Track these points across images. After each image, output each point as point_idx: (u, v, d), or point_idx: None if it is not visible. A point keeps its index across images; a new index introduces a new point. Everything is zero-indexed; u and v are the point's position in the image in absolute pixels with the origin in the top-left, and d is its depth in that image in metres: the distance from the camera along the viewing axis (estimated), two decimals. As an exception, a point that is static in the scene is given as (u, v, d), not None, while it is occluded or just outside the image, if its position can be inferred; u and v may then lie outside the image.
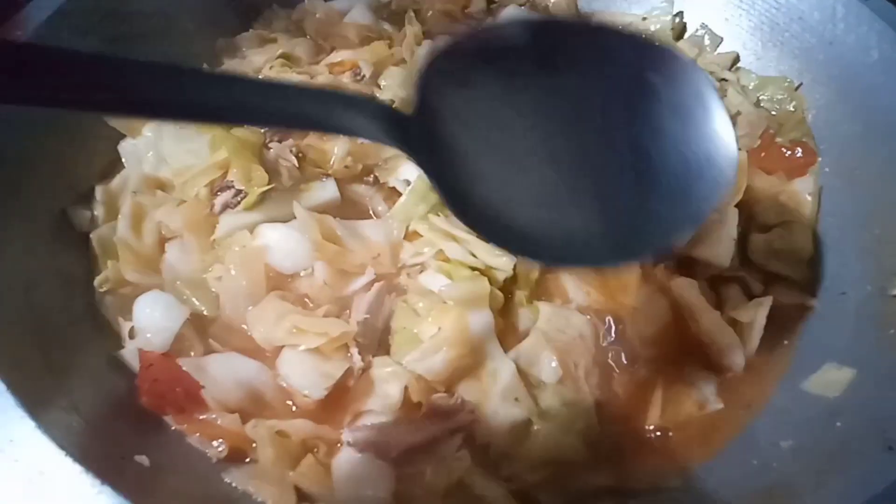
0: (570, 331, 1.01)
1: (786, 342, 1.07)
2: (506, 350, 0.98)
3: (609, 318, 1.04)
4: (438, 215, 1.09)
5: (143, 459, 0.84)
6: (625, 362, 1.01)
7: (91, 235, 1.10)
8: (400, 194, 1.14)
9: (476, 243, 1.03)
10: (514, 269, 1.04)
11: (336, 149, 1.16)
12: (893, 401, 0.85)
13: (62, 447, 0.73)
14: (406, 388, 0.93)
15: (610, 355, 1.02)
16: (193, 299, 1.03)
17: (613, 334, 1.03)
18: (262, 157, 1.10)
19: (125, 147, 1.19)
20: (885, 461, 0.75)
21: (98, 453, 0.77)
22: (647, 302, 1.06)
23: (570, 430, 0.94)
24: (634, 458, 0.95)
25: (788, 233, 1.16)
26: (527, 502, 0.90)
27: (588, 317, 1.03)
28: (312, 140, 1.18)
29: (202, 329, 1.02)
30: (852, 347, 1.00)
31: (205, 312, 1.03)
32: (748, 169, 1.14)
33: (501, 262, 1.03)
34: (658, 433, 0.98)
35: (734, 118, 1.27)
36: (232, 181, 1.09)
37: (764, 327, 1.04)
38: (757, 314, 1.05)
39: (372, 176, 1.19)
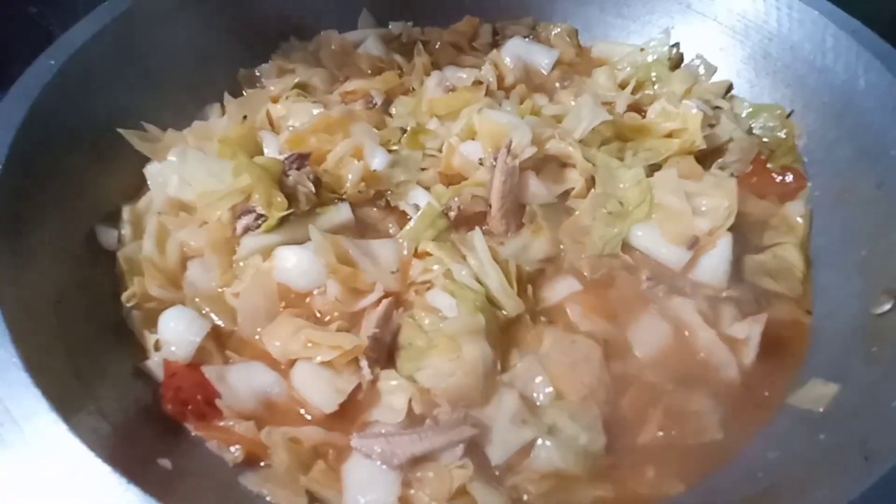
0: (576, 353, 1.05)
1: (782, 358, 1.10)
2: (504, 371, 1.03)
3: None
4: (445, 241, 1.14)
5: (165, 463, 0.89)
6: (631, 382, 1.05)
7: (118, 253, 1.15)
8: (409, 218, 1.20)
9: (491, 272, 1.08)
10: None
11: (350, 175, 1.22)
12: (873, 415, 0.89)
13: (92, 448, 0.78)
14: (410, 400, 0.97)
15: (616, 375, 1.05)
16: (212, 314, 1.09)
17: (619, 355, 1.07)
18: (282, 184, 1.14)
19: (150, 170, 1.25)
20: (862, 471, 0.79)
21: (124, 455, 0.81)
22: (650, 325, 1.11)
23: (574, 444, 0.97)
24: (635, 473, 0.98)
25: (781, 253, 1.21)
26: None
27: (592, 340, 1.07)
28: (328, 166, 1.25)
29: (221, 342, 1.08)
30: (838, 364, 1.04)
31: (222, 325, 1.09)
32: (740, 194, 1.18)
33: (511, 304, 1.07)
34: (657, 450, 1.00)
35: (726, 144, 1.32)
36: (254, 206, 1.14)
37: (760, 344, 1.07)
38: (752, 331, 1.09)
39: (384, 200, 1.24)
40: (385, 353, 1.06)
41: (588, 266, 1.16)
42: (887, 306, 1.02)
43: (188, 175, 1.19)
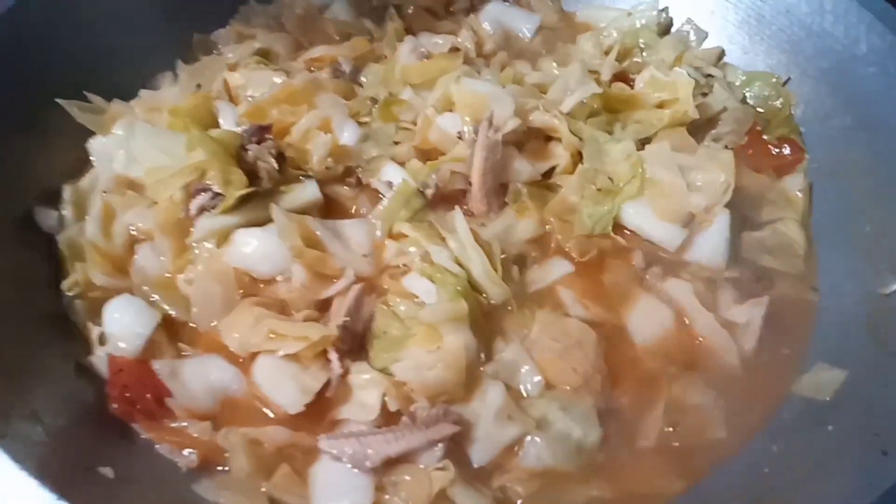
0: (567, 339, 1.00)
1: (785, 342, 1.05)
2: (488, 361, 0.97)
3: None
4: (422, 222, 1.08)
5: (107, 471, 0.82)
6: (627, 371, 1.00)
7: (58, 237, 1.08)
8: (382, 196, 1.12)
9: (473, 256, 1.02)
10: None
11: (317, 149, 1.14)
12: (887, 403, 0.85)
13: (17, 460, 0.70)
14: (384, 396, 0.91)
15: (612, 363, 1.00)
16: (162, 303, 1.02)
17: (614, 342, 1.02)
18: (241, 159, 1.07)
19: (94, 145, 1.17)
20: (880, 466, 0.74)
21: (58, 466, 0.75)
22: (646, 309, 1.06)
23: (566, 439, 0.92)
24: (631, 470, 0.93)
25: (781, 229, 1.16)
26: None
27: (586, 324, 1.02)
28: (292, 140, 1.16)
29: (173, 334, 1.01)
30: (843, 347, 0.99)
31: (174, 316, 1.02)
32: (737, 167, 1.12)
33: (495, 290, 1.02)
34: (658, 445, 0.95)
35: (720, 115, 1.26)
36: (210, 184, 1.06)
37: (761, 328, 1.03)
38: (752, 315, 1.05)
39: (354, 177, 1.17)
40: (357, 344, 0.99)
41: (577, 247, 1.11)
42: (895, 285, 0.98)
43: (136, 150, 1.12)
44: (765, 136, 1.28)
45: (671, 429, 0.95)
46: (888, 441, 0.77)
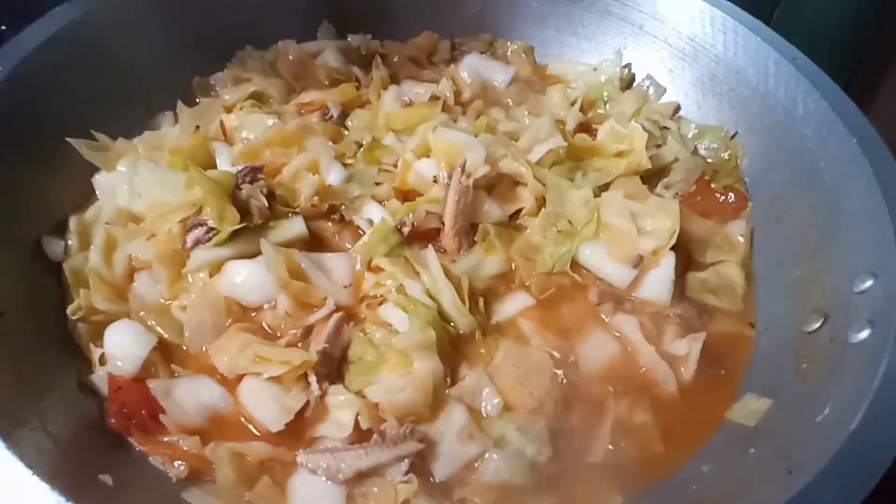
0: (527, 366, 1.08)
1: (722, 373, 1.14)
2: (453, 383, 1.05)
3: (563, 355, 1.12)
4: (398, 257, 1.15)
5: (106, 478, 0.88)
6: (578, 396, 1.08)
7: (64, 265, 1.13)
8: (363, 232, 1.20)
9: (444, 290, 1.10)
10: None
11: (304, 188, 1.22)
12: (799, 429, 0.93)
13: (30, 466, 0.77)
14: (357, 415, 0.98)
15: (565, 389, 1.08)
16: (158, 327, 1.08)
17: (568, 370, 1.10)
18: (235, 197, 1.13)
19: (100, 180, 1.24)
20: (784, 483, 0.82)
21: (65, 472, 0.81)
22: (596, 341, 1.14)
23: (521, 456, 0.99)
24: (578, 484, 1.00)
25: (723, 271, 1.25)
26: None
27: (546, 354, 1.10)
28: (282, 179, 1.25)
29: (167, 356, 1.07)
30: (770, 379, 1.08)
31: (168, 339, 1.08)
32: (685, 213, 1.22)
33: (463, 321, 1.10)
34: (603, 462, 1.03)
35: (672, 164, 1.37)
36: (206, 219, 1.12)
37: (700, 360, 1.12)
38: (692, 348, 1.13)
39: (338, 214, 1.24)
40: (335, 368, 1.06)
41: (538, 284, 1.19)
42: (816, 325, 1.06)
43: (138, 186, 1.18)
44: (713, 185, 1.37)
45: (620, 446, 1.02)
46: (795, 462, 0.85)
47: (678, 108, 1.52)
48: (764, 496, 0.84)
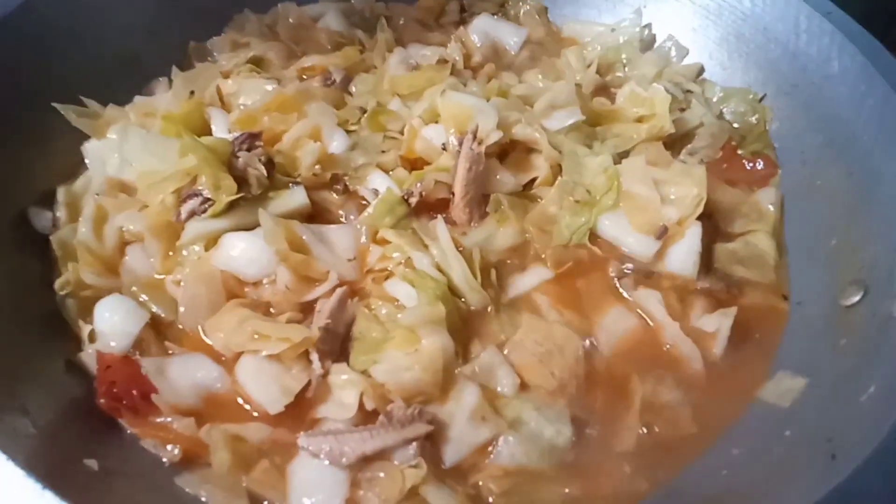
0: (549, 343, 1.02)
1: (754, 350, 1.08)
2: (465, 362, 0.99)
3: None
4: (406, 229, 1.10)
5: (91, 463, 0.84)
6: (601, 377, 1.02)
7: (51, 237, 1.09)
8: (368, 203, 1.14)
9: (454, 264, 1.04)
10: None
11: (305, 157, 1.16)
12: (840, 410, 0.87)
13: (5, 452, 0.72)
14: (361, 395, 0.93)
15: (587, 369, 1.02)
16: (151, 303, 1.04)
17: (590, 349, 1.05)
18: (231, 166, 1.09)
19: (89, 148, 1.19)
20: (828, 469, 0.77)
21: (44, 458, 0.76)
22: (617, 317, 1.08)
23: (539, 437, 0.94)
24: (602, 471, 0.94)
25: (752, 241, 1.18)
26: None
27: (571, 331, 1.04)
28: (282, 147, 1.19)
29: (160, 333, 1.03)
30: (805, 356, 1.02)
31: (162, 315, 1.04)
32: (710, 181, 1.14)
33: (475, 297, 1.04)
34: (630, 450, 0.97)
35: (696, 129, 1.29)
36: (200, 189, 1.08)
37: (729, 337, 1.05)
38: (721, 323, 1.07)
39: (341, 184, 1.19)
40: (338, 345, 1.01)
41: (554, 257, 1.13)
42: (856, 298, 1.01)
43: (129, 154, 1.13)
44: (739, 151, 1.30)
45: (653, 429, 0.97)
46: (838, 446, 0.79)
47: (702, 69, 1.45)
48: (805, 484, 0.77)
